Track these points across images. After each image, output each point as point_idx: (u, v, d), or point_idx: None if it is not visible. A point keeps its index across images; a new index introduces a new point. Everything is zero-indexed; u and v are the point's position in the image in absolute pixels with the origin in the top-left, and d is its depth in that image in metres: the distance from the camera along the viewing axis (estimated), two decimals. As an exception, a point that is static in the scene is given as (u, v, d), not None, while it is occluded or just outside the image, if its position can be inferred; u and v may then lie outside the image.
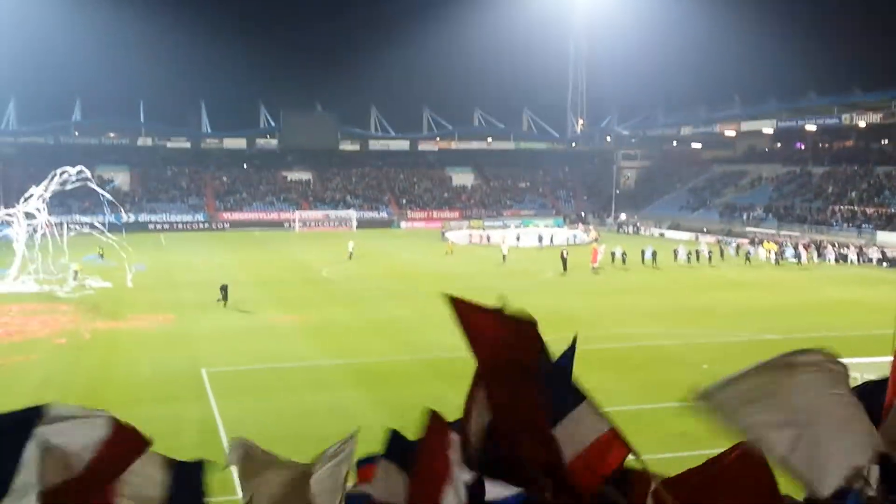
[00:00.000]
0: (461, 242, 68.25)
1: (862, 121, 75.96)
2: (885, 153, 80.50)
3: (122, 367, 26.16)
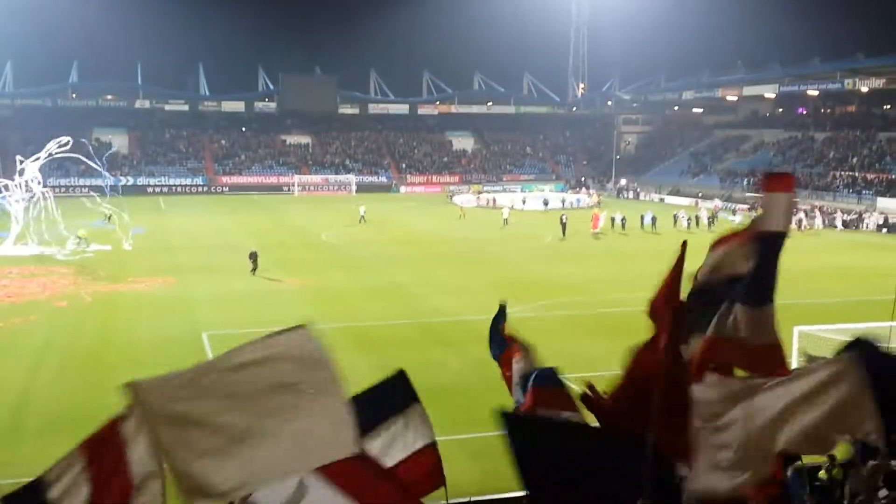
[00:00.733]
0: (470, 205, 68.46)
1: (865, 86, 75.45)
2: (888, 118, 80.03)
3: (122, 330, 26.27)
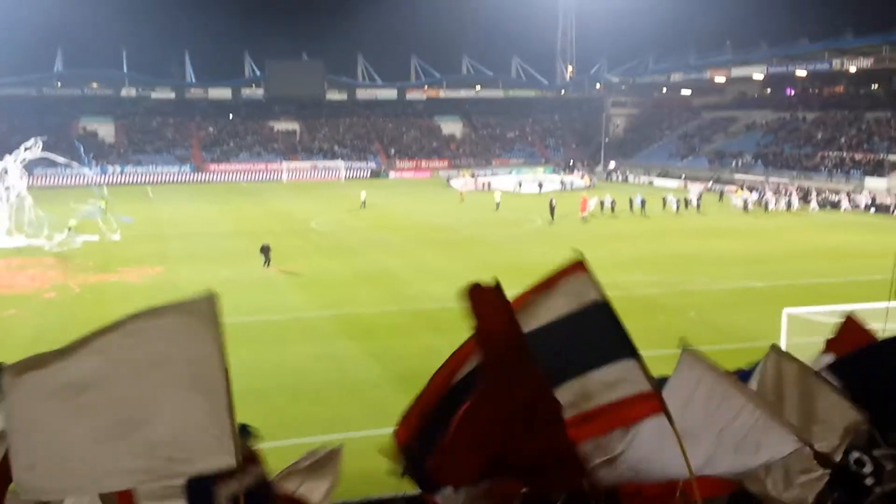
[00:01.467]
0: (468, 189, 68.88)
1: (852, 66, 75.54)
2: (875, 98, 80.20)
3: (112, 320, 26.10)
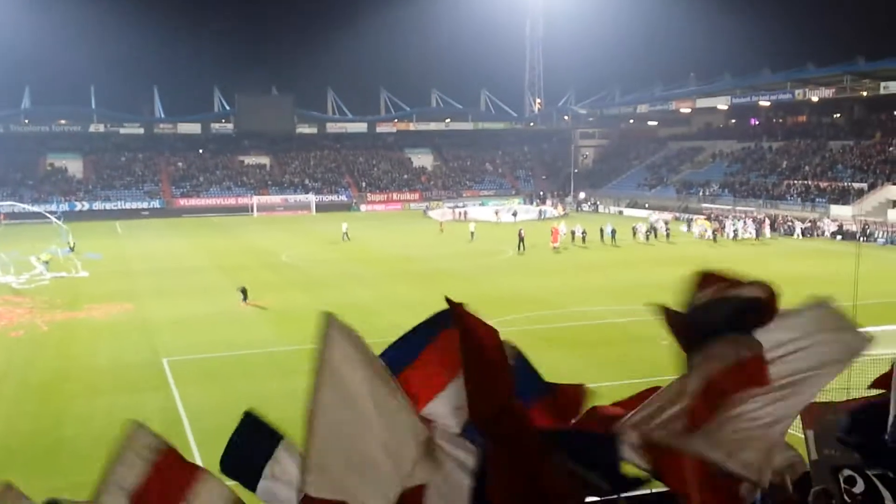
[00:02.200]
0: (447, 219, 70.23)
1: (815, 95, 77.10)
2: (838, 127, 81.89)
3: (81, 358, 25.75)
